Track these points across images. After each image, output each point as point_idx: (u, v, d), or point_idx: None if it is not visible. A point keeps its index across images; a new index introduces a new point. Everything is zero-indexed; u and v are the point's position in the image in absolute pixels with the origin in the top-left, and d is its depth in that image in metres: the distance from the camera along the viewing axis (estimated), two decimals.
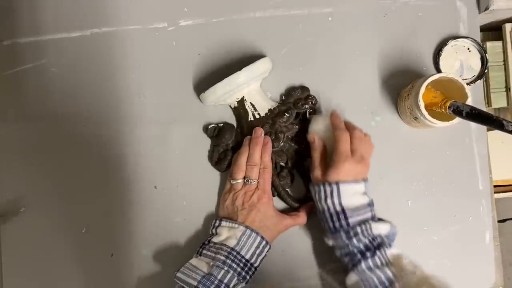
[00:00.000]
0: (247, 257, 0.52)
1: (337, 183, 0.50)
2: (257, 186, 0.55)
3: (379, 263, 0.48)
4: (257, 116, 0.60)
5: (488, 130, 0.64)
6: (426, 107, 0.54)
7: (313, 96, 0.61)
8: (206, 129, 0.61)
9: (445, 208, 0.61)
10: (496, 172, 0.66)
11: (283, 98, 0.62)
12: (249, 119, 0.60)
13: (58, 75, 0.63)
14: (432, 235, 0.61)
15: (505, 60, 0.68)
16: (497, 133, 0.52)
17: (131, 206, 0.61)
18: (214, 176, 0.61)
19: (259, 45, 0.63)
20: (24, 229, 0.61)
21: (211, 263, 0.51)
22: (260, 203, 0.54)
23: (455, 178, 0.62)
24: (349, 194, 0.50)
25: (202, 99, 0.59)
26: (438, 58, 0.62)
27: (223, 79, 0.55)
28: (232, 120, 0.62)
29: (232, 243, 0.52)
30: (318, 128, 0.56)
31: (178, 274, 0.51)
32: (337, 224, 0.51)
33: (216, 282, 0.49)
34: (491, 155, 0.63)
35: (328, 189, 0.50)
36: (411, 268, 0.50)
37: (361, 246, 0.49)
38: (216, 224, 0.55)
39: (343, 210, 0.50)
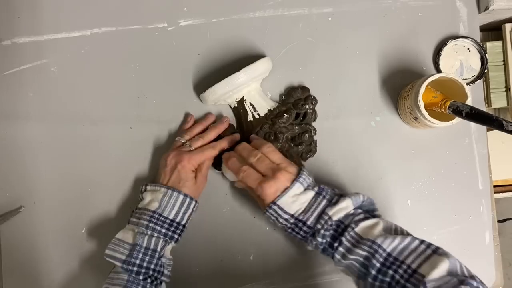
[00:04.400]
0: (171, 217, 0.53)
1: (273, 202, 0.50)
2: (190, 151, 0.56)
3: (349, 245, 0.47)
4: (257, 117, 0.60)
5: (488, 130, 0.64)
6: (426, 107, 0.54)
7: (313, 97, 0.61)
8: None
9: (445, 208, 0.62)
10: (496, 172, 0.66)
11: (283, 98, 0.62)
12: (248, 119, 0.60)
13: (58, 75, 0.63)
14: (432, 235, 0.61)
15: (505, 60, 0.68)
16: (497, 133, 0.52)
17: (131, 206, 0.61)
18: (214, 176, 0.61)
19: (259, 45, 0.63)
20: (24, 229, 0.61)
21: (136, 230, 0.52)
22: (180, 164, 0.54)
23: (455, 178, 0.62)
24: (290, 202, 0.50)
25: (202, 99, 0.59)
26: (438, 58, 0.62)
27: (223, 79, 0.55)
28: (232, 120, 0.62)
29: (154, 206, 0.53)
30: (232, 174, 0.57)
31: (107, 251, 0.52)
32: (302, 233, 0.50)
33: (142, 251, 0.51)
34: (491, 155, 0.63)
35: (271, 211, 0.50)
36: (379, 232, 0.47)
37: (328, 239, 0.49)
38: (142, 190, 0.56)
39: (297, 219, 0.50)
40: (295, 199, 0.50)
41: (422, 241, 0.45)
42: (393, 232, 0.48)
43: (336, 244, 0.48)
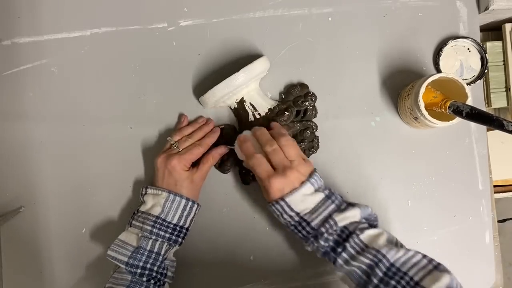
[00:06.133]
0: (175, 221, 0.54)
1: (282, 199, 0.49)
2: (178, 152, 0.56)
3: (353, 252, 0.47)
4: (258, 116, 0.60)
5: (488, 130, 0.64)
6: (426, 107, 0.54)
7: (313, 93, 0.61)
8: None
9: (445, 208, 0.62)
10: (496, 172, 0.66)
11: (283, 96, 0.62)
12: (249, 120, 0.60)
13: (58, 75, 0.63)
14: (432, 235, 0.61)
15: (505, 60, 0.68)
16: (497, 133, 0.52)
17: (131, 206, 0.61)
18: (215, 177, 0.61)
19: (259, 45, 0.63)
20: (24, 229, 0.61)
21: (140, 234, 0.53)
22: (170, 166, 0.54)
23: (455, 178, 0.62)
24: (298, 201, 0.49)
25: (201, 102, 0.59)
26: (438, 58, 0.62)
27: (221, 81, 0.55)
28: (234, 122, 0.62)
29: (157, 211, 0.53)
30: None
31: (109, 252, 0.52)
32: (304, 232, 0.50)
33: (146, 253, 0.52)
34: (491, 155, 0.63)
35: (278, 207, 0.50)
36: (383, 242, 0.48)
37: (331, 243, 0.49)
38: (143, 192, 0.56)
39: (302, 218, 0.50)
40: (304, 198, 0.49)
41: (424, 256, 0.46)
42: (394, 243, 0.48)
43: (339, 250, 0.48)
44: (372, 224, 0.52)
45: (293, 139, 0.54)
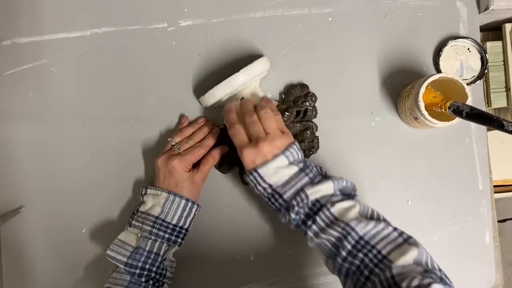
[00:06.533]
0: (174, 222, 0.54)
1: (255, 169, 0.49)
2: (179, 154, 0.56)
3: (323, 225, 0.47)
4: None
5: (488, 130, 0.64)
6: (426, 107, 0.54)
7: (313, 93, 0.61)
8: None
9: (445, 208, 0.62)
10: (496, 172, 0.66)
11: (283, 96, 0.62)
12: None
13: (58, 75, 0.63)
14: (432, 235, 0.61)
15: (505, 60, 0.68)
16: (497, 133, 0.52)
17: (131, 206, 0.61)
18: (214, 177, 0.61)
19: (259, 45, 0.63)
20: (24, 229, 0.61)
21: (139, 234, 0.53)
22: (171, 166, 0.54)
23: (455, 178, 0.62)
24: (271, 173, 0.49)
25: (201, 102, 0.59)
26: (438, 58, 0.62)
27: (221, 81, 0.55)
28: None
29: (156, 211, 0.53)
30: None
31: (108, 252, 0.52)
32: (277, 205, 0.50)
33: (145, 254, 0.52)
34: (491, 155, 0.63)
35: (252, 177, 0.49)
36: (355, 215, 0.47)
37: (302, 216, 0.48)
38: (143, 192, 0.56)
39: (274, 190, 0.49)
40: (277, 171, 0.49)
41: (395, 229, 0.46)
42: (368, 216, 0.48)
43: (309, 222, 0.47)
44: (349, 195, 0.51)
45: (277, 112, 0.54)
